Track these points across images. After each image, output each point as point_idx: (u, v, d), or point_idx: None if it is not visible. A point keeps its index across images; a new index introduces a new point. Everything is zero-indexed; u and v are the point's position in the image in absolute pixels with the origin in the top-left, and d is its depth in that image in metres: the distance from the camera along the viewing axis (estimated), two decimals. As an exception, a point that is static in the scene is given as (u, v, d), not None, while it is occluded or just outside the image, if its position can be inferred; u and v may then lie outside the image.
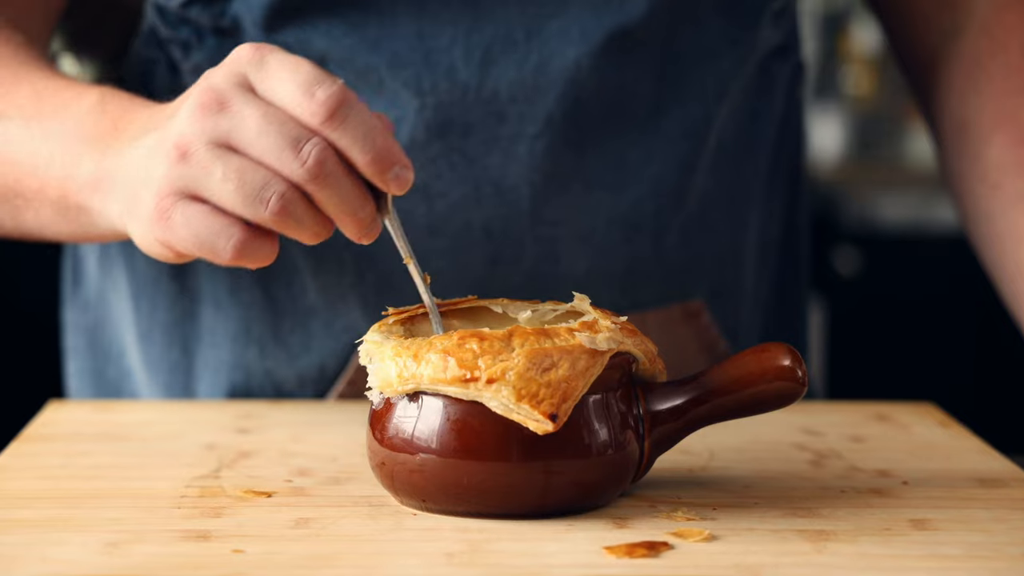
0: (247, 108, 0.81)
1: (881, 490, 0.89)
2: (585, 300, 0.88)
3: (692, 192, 1.15)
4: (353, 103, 0.80)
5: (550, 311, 0.89)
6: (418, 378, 0.81)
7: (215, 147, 0.82)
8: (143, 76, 1.14)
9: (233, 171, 0.81)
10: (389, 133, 0.82)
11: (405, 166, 0.81)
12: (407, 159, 0.82)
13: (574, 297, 0.88)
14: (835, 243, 2.90)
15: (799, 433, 1.04)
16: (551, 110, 1.09)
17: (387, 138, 0.81)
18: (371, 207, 0.83)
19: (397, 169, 0.81)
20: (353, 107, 0.80)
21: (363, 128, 0.80)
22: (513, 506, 0.82)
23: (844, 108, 3.29)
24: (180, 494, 0.87)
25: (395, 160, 0.81)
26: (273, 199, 0.80)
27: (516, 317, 0.89)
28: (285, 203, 0.80)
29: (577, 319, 0.86)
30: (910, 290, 2.91)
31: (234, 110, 0.82)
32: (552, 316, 0.89)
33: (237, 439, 1.01)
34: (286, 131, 0.80)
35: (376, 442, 0.84)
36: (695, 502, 0.86)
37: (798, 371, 0.84)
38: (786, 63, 1.23)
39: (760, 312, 1.25)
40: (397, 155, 0.81)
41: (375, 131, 0.80)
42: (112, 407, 1.12)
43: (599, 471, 0.82)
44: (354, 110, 0.79)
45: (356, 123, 0.80)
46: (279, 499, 0.86)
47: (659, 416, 0.85)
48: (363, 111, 0.80)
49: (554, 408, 0.79)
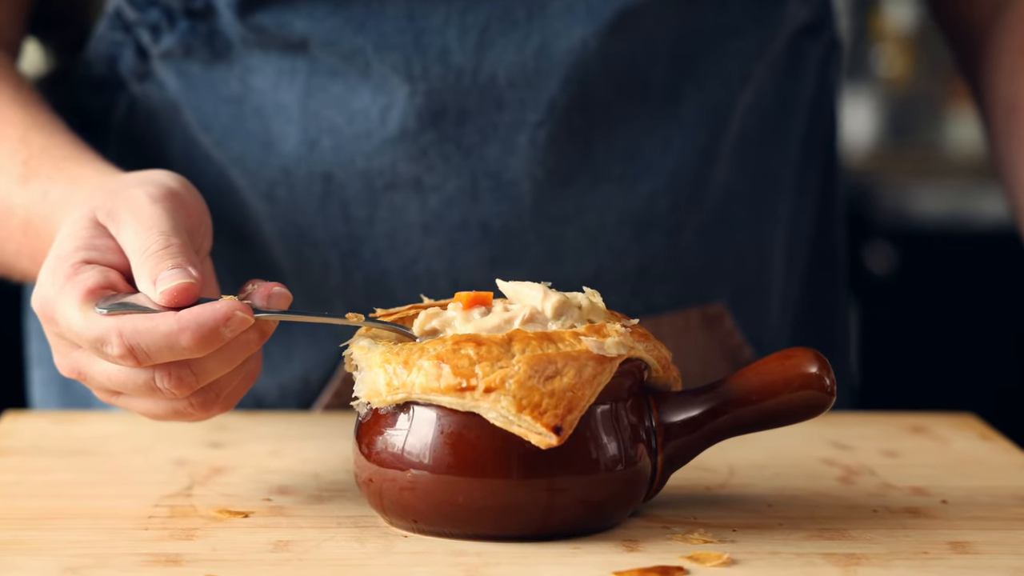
0: (91, 370, 0.87)
1: (917, 510, 0.89)
2: (596, 296, 0.88)
3: (712, 185, 1.15)
4: (139, 337, 0.83)
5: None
6: (409, 387, 0.81)
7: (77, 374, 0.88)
8: (109, 61, 1.14)
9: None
10: (195, 323, 0.83)
11: (229, 325, 0.83)
12: (220, 326, 0.83)
13: (584, 291, 0.88)
14: (867, 239, 2.90)
15: (827, 447, 1.04)
16: (555, 95, 1.09)
17: (199, 329, 0.82)
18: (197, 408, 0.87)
19: (226, 332, 0.83)
20: (142, 340, 0.82)
21: (166, 351, 0.83)
22: (513, 527, 0.82)
23: (877, 91, 3.29)
24: (148, 514, 0.87)
25: (212, 338, 0.83)
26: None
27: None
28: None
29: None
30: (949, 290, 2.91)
31: (83, 370, 0.88)
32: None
33: (210, 454, 1.01)
34: (132, 379, 0.85)
35: (363, 457, 0.84)
36: (713, 523, 0.86)
37: (826, 379, 0.84)
38: (817, 41, 1.22)
39: (789, 317, 1.24)
40: (210, 334, 0.82)
41: (179, 339, 0.83)
42: (74, 418, 1.12)
43: (607, 489, 0.82)
44: (144, 343, 0.82)
45: (158, 353, 0.83)
46: (256, 520, 0.86)
47: (673, 428, 0.85)
48: (154, 335, 0.82)
49: (558, 420, 0.79)
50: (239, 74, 1.10)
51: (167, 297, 0.84)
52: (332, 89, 1.08)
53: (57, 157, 1.00)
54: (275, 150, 1.10)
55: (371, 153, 1.09)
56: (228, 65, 1.10)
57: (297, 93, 1.09)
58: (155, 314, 0.83)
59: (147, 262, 0.85)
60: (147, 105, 1.13)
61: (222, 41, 1.10)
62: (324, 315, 0.88)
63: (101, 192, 0.91)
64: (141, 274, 0.86)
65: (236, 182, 1.11)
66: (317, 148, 1.09)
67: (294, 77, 1.09)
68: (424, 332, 0.86)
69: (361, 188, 1.09)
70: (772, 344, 1.21)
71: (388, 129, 1.08)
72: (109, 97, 1.15)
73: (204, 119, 1.11)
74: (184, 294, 0.84)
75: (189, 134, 1.12)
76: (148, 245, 0.86)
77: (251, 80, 1.10)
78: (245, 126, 1.10)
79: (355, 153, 1.09)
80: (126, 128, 1.14)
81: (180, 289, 0.84)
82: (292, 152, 1.10)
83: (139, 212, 0.88)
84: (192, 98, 1.11)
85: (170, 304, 0.84)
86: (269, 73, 1.09)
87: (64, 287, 0.85)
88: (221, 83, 1.11)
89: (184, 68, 1.11)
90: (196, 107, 1.11)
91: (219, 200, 1.10)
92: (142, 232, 0.87)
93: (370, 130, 1.08)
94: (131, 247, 0.87)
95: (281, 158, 1.10)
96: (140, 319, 0.83)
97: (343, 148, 1.09)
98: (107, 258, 0.87)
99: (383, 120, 1.08)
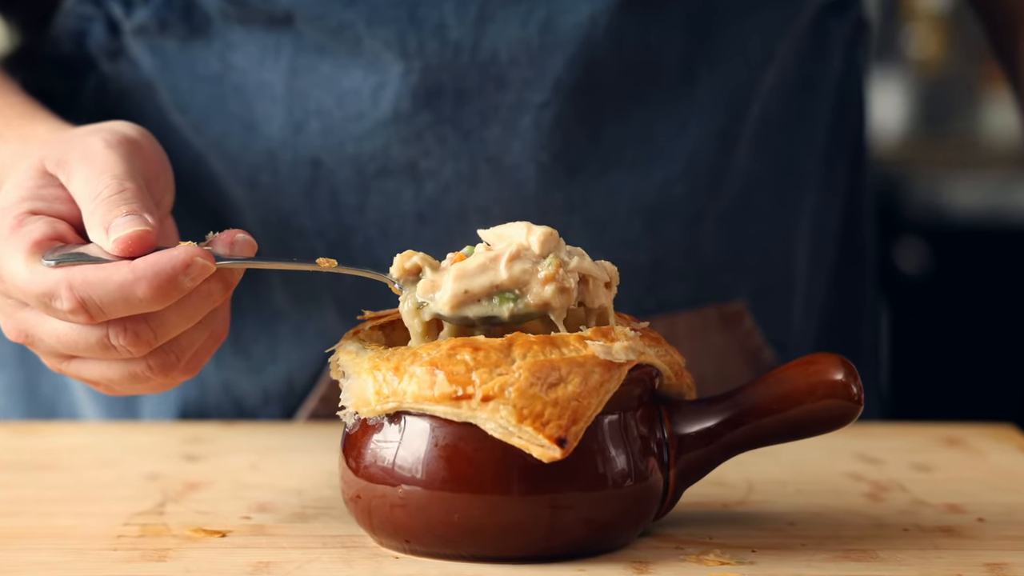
0: (39, 330, 0.86)
1: (952, 528, 0.89)
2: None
3: (732, 172, 1.15)
4: (91, 289, 0.82)
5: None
6: (400, 395, 0.81)
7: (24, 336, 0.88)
8: (77, 38, 1.14)
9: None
10: (153, 272, 0.83)
11: (189, 273, 0.83)
12: (181, 264, 0.83)
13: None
14: (897, 235, 2.90)
15: (854, 461, 1.04)
16: (560, 74, 1.09)
17: (156, 278, 0.82)
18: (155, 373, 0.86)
19: (185, 281, 0.82)
20: (94, 293, 0.82)
21: (121, 303, 0.82)
22: (513, 548, 0.81)
23: (907, 74, 3.30)
24: (117, 533, 0.87)
25: (170, 288, 0.82)
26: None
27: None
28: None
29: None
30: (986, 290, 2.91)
31: (31, 331, 0.87)
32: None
33: (184, 468, 1.01)
34: (84, 338, 0.85)
35: (350, 472, 0.84)
36: (730, 543, 0.86)
37: (852, 387, 0.84)
38: (844, 20, 1.22)
39: (814, 318, 1.24)
40: (168, 283, 0.82)
41: (134, 290, 0.82)
42: (37, 430, 1.12)
43: (615, 506, 0.82)
44: (97, 295, 0.82)
45: (112, 306, 0.82)
46: (234, 539, 0.86)
47: (687, 440, 0.85)
48: (107, 287, 0.82)
49: (562, 431, 0.79)
50: (219, 51, 1.10)
51: (120, 246, 0.83)
52: (320, 67, 1.08)
53: (9, 116, 1.00)
54: (258, 133, 1.10)
55: (362, 136, 1.09)
56: (207, 41, 1.10)
57: (282, 71, 1.09)
58: (108, 264, 0.82)
59: (99, 208, 0.84)
60: (119, 85, 1.13)
61: (200, 15, 1.10)
62: (292, 261, 0.88)
63: (52, 143, 0.91)
64: (92, 222, 0.85)
65: (215, 168, 1.11)
66: (304, 131, 1.09)
67: (278, 54, 1.09)
68: (404, 271, 0.85)
69: (351, 174, 1.09)
70: (795, 347, 1.21)
71: (380, 110, 1.08)
72: (77, 77, 1.15)
73: (181, 100, 1.11)
74: (139, 243, 0.83)
75: (164, 116, 1.12)
76: (100, 190, 0.85)
77: (232, 58, 1.10)
78: (225, 107, 1.10)
79: (345, 136, 1.09)
80: (95, 110, 1.14)
81: (135, 237, 0.83)
82: (276, 135, 1.10)
83: (91, 158, 0.87)
84: (168, 77, 1.11)
85: (124, 254, 0.83)
86: (251, 50, 1.09)
87: (8, 239, 0.84)
88: (199, 61, 1.11)
89: (159, 45, 1.11)
90: (172, 87, 1.11)
91: (196, 187, 1.10)
92: (94, 177, 0.86)
93: (361, 111, 1.08)
94: (82, 194, 0.86)
95: (265, 142, 1.10)
96: (92, 270, 0.82)
97: (332, 131, 1.09)
98: (55, 208, 0.87)
99: (375, 101, 1.08)
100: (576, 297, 0.84)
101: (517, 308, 0.84)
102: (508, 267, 0.84)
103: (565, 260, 0.84)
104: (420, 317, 0.85)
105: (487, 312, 0.84)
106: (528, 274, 0.84)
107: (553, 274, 0.83)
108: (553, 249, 0.85)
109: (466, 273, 0.84)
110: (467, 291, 0.84)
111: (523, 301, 0.84)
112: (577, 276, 0.84)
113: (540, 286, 0.84)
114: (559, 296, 0.83)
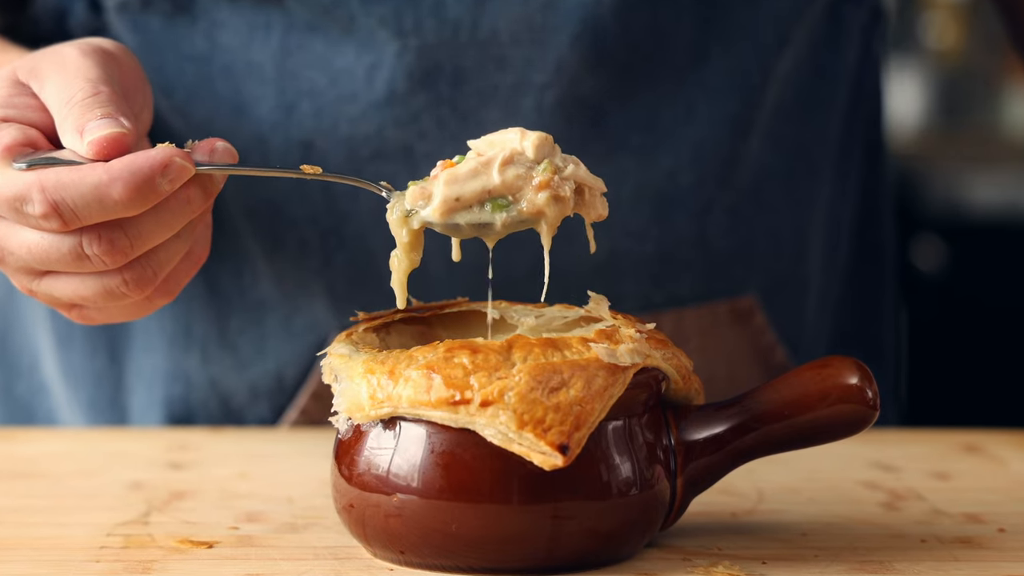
0: (9, 242, 0.86)
1: (971, 539, 0.89)
2: (603, 302, 0.88)
3: (743, 161, 1.15)
4: (64, 191, 0.82)
5: (559, 316, 0.89)
6: (395, 400, 0.81)
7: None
8: (57, 16, 1.14)
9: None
10: (131, 172, 0.83)
11: (167, 174, 0.82)
12: (156, 167, 0.82)
13: (589, 298, 0.88)
14: (914, 232, 2.90)
15: (869, 469, 1.04)
16: (563, 55, 1.09)
17: (132, 179, 0.82)
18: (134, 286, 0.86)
19: (163, 182, 0.82)
20: (67, 195, 0.82)
21: (95, 205, 0.82)
22: (513, 559, 0.81)
23: (925, 65, 3.30)
24: (99, 544, 0.87)
25: (147, 190, 0.82)
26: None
27: (516, 323, 0.89)
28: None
29: (592, 325, 0.86)
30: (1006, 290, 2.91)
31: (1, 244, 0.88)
32: (562, 322, 0.89)
33: (170, 476, 1.01)
34: (56, 247, 0.84)
35: (343, 480, 0.84)
36: (740, 554, 0.85)
37: (868, 391, 0.84)
38: (860, 8, 1.23)
39: (829, 318, 1.24)
40: (144, 184, 0.82)
41: (110, 191, 0.82)
42: (15, 436, 1.12)
43: (620, 515, 0.82)
44: (70, 197, 0.82)
45: (86, 209, 0.82)
46: (222, 550, 0.86)
47: (695, 447, 0.85)
48: (81, 188, 0.82)
49: (564, 437, 0.79)
50: (205, 29, 1.10)
51: (95, 148, 0.82)
52: (311, 46, 1.08)
53: None
54: (247, 115, 1.10)
55: (356, 118, 1.09)
56: (192, 19, 1.10)
57: (272, 51, 1.09)
58: (82, 165, 0.82)
59: (72, 111, 0.84)
60: None
61: None
62: (275, 168, 0.88)
63: (26, 56, 0.91)
64: (66, 126, 0.84)
65: None
66: (295, 112, 1.09)
67: (268, 32, 1.09)
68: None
69: (344, 157, 1.09)
70: (808, 348, 1.21)
71: (375, 91, 1.08)
72: None
73: (165, 81, 1.11)
74: (115, 144, 0.82)
75: None
76: (73, 94, 0.85)
77: (219, 36, 1.10)
78: (212, 88, 1.10)
79: (338, 118, 1.09)
80: None
81: (110, 139, 0.82)
82: (267, 117, 1.10)
83: (65, 64, 0.87)
84: (152, 57, 1.11)
85: (99, 156, 0.82)
86: (240, 28, 1.09)
87: None
88: (185, 40, 1.10)
89: (142, 22, 1.11)
90: (156, 67, 1.11)
91: None
92: (67, 82, 0.86)
93: (355, 92, 1.08)
94: (54, 100, 0.86)
95: (254, 124, 1.10)
96: (65, 171, 0.82)
97: (324, 112, 1.09)
98: (27, 116, 0.86)
99: (369, 81, 1.08)
100: (571, 207, 0.84)
101: (510, 215, 0.84)
102: (501, 172, 0.84)
103: (560, 166, 0.84)
104: (408, 226, 0.85)
105: (479, 219, 0.84)
106: (522, 180, 0.84)
107: (548, 180, 0.83)
108: (548, 155, 0.85)
109: (457, 178, 0.84)
110: (458, 197, 0.84)
111: (516, 208, 0.84)
112: (573, 184, 0.84)
113: (534, 193, 0.83)
114: (553, 205, 0.83)
